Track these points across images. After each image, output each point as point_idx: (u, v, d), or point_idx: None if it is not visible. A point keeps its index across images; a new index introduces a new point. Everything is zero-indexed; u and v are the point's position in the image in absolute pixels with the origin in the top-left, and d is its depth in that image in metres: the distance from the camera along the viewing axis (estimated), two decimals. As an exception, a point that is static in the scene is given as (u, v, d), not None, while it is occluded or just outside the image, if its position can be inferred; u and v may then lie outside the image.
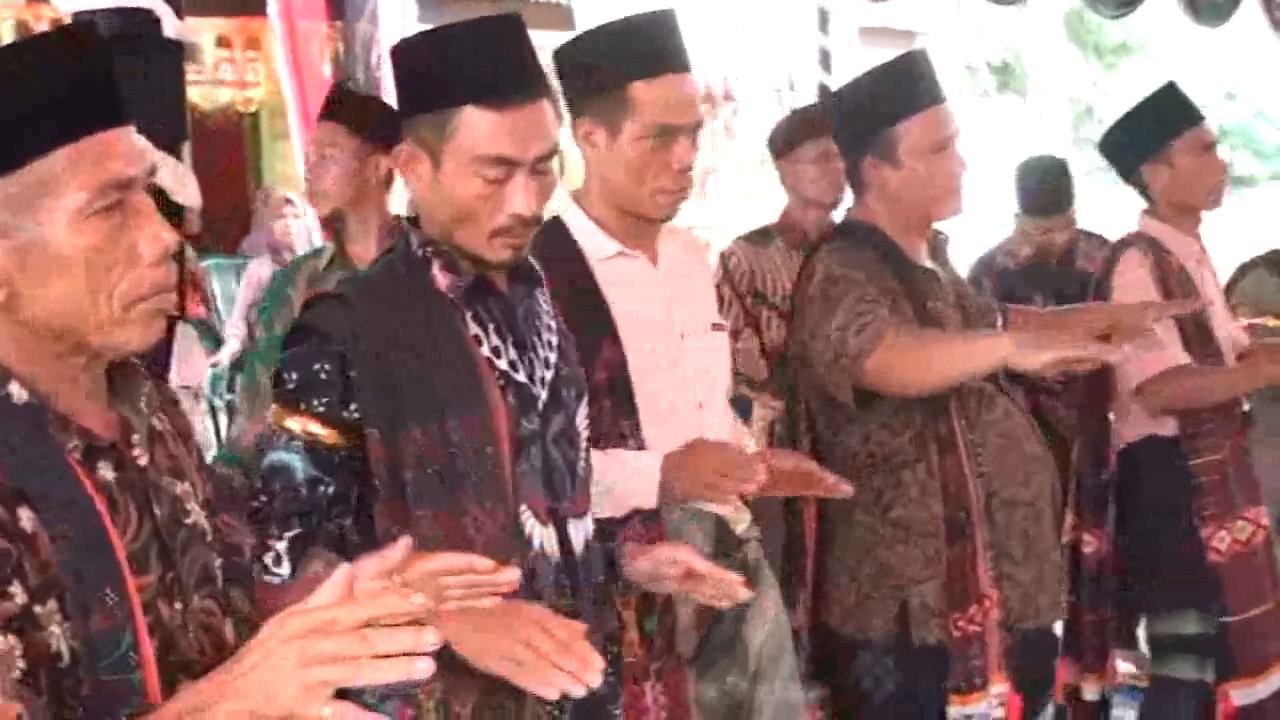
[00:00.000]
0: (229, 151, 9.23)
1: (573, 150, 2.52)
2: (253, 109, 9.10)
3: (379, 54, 6.69)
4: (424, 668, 1.17)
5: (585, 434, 2.15)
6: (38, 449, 1.34)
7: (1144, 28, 15.57)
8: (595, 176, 2.56)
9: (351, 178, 3.40)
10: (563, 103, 2.47)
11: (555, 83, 2.33)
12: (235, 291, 7.31)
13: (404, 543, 1.43)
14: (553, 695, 1.74)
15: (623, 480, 2.37)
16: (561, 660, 1.71)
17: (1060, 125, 18.86)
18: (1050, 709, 3.57)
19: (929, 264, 2.99)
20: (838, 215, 4.41)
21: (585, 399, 2.16)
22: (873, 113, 2.90)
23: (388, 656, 1.17)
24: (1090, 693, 3.66)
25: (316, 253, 3.68)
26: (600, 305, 2.47)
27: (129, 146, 1.38)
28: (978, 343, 2.82)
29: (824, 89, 6.08)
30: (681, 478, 2.37)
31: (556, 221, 2.52)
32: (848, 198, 3.32)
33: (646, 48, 2.47)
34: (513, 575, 1.62)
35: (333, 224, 3.46)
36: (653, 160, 2.46)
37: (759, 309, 4.23)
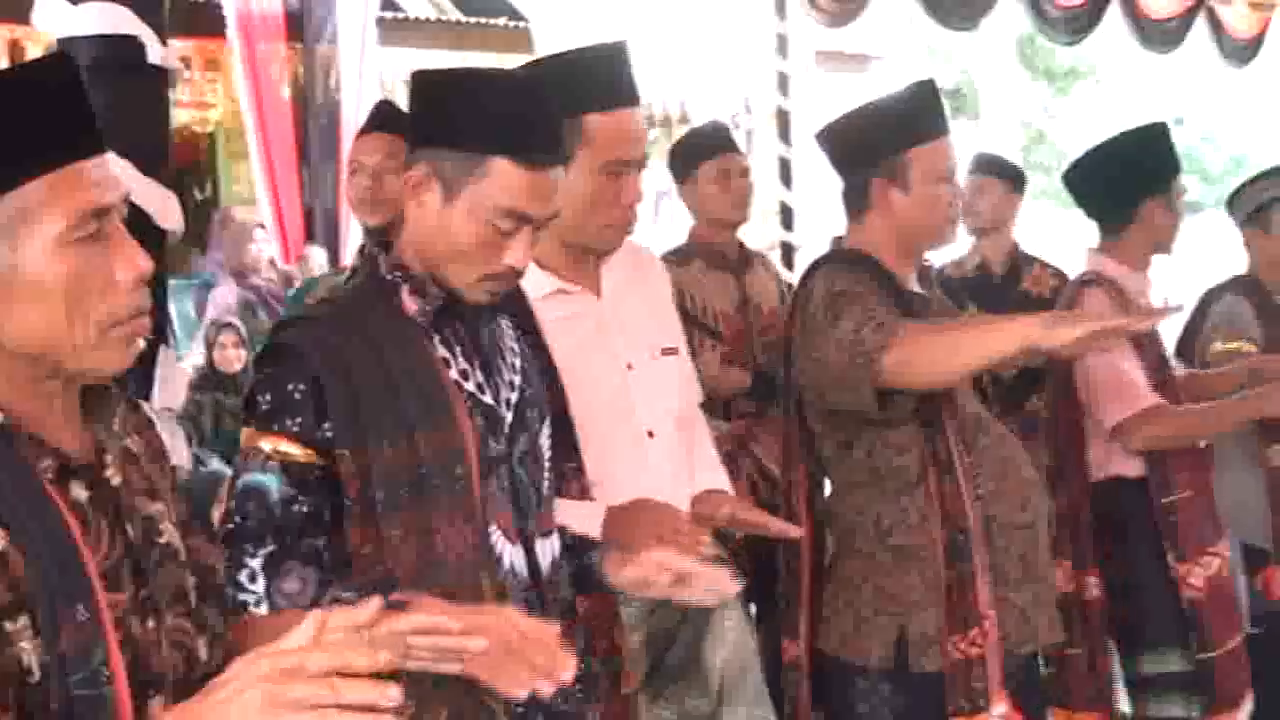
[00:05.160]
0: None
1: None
2: (209, 129, 9.09)
3: (338, 76, 6.72)
4: None
5: (548, 454, 2.17)
6: (10, 469, 1.36)
7: (1095, 53, 15.76)
8: None
9: None
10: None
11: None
12: (190, 311, 7.30)
13: (375, 602, 1.46)
14: (523, 695, 1.73)
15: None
16: (534, 658, 1.70)
17: (1012, 149, 19.05)
18: None
19: (919, 290, 3.01)
20: (750, 233, 4.43)
21: (547, 420, 2.18)
22: (888, 135, 2.91)
23: (349, 707, 1.19)
24: None
25: (337, 273, 3.70)
26: (540, 346, 2.44)
27: (105, 175, 1.41)
28: (1003, 325, 2.70)
29: (781, 112, 6.15)
30: (620, 530, 2.32)
31: None
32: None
33: (602, 80, 2.50)
34: (480, 644, 1.62)
35: (382, 234, 3.49)
36: (604, 194, 2.50)
37: (689, 329, 4.26)
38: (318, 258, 7.51)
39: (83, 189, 1.37)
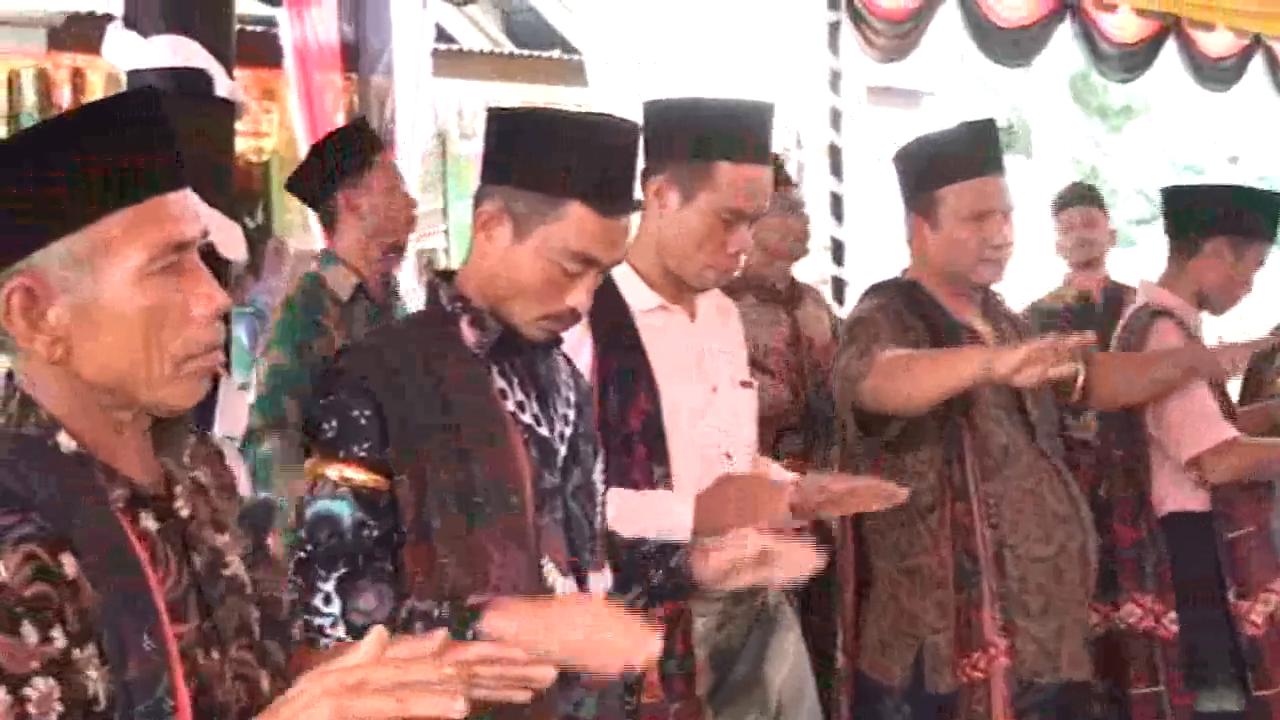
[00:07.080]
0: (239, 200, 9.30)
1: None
2: (264, 158, 9.17)
3: (393, 107, 6.76)
4: None
5: (602, 490, 2.19)
6: (83, 497, 1.37)
7: (1149, 91, 15.68)
8: (651, 232, 2.63)
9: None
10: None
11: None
12: (244, 339, 7.33)
13: (440, 635, 1.46)
14: (615, 671, 1.82)
15: (657, 519, 2.44)
16: (620, 641, 1.79)
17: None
18: None
19: (976, 323, 3.03)
20: (802, 268, 4.40)
21: (601, 456, 2.20)
22: (924, 173, 2.98)
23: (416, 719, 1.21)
24: None
25: (315, 282, 3.70)
26: (640, 355, 2.56)
27: (187, 209, 1.43)
28: (957, 355, 2.81)
29: (833, 147, 6.16)
30: (712, 511, 2.44)
31: None
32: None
33: (741, 133, 2.57)
34: (548, 673, 1.62)
35: (393, 252, 3.57)
36: (713, 236, 2.56)
37: None
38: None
39: (164, 223, 1.39)
